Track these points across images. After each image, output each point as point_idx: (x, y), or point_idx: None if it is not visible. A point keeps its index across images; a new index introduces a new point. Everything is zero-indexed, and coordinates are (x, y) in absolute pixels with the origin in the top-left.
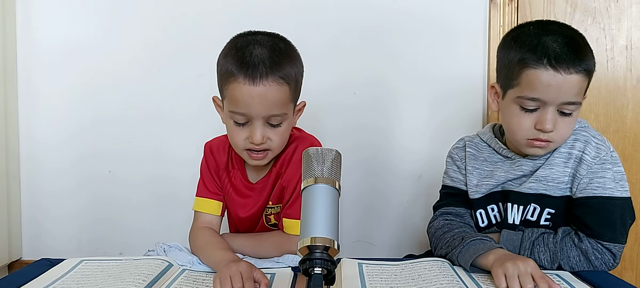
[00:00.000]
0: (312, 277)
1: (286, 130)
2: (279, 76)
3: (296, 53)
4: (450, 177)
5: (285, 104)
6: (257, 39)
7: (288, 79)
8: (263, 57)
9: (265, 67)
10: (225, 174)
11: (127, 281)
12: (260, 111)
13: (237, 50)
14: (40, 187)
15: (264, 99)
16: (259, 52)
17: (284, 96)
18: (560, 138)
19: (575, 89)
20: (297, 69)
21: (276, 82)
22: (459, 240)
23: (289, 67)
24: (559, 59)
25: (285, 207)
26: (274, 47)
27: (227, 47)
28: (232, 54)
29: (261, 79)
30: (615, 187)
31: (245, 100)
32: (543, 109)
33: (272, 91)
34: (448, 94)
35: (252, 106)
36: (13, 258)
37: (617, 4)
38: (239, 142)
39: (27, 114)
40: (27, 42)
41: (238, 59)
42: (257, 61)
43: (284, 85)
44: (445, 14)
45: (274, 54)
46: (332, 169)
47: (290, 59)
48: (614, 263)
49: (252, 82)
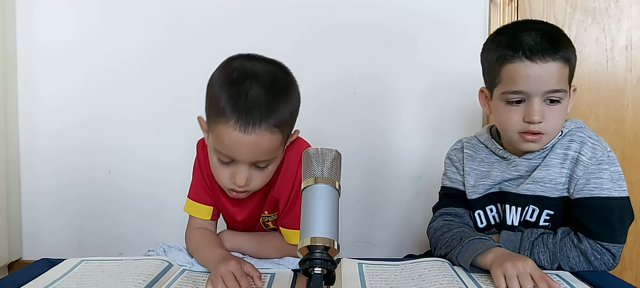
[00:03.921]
0: (312, 277)
1: (272, 171)
2: (274, 123)
3: (294, 87)
4: (449, 178)
5: (276, 149)
6: (255, 72)
7: (282, 125)
8: (259, 100)
9: (260, 114)
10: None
11: (127, 281)
12: (247, 158)
13: (232, 84)
14: (40, 187)
15: (254, 148)
16: (255, 92)
17: (276, 144)
18: (552, 128)
19: (556, 77)
20: (293, 107)
21: (269, 131)
22: (458, 240)
23: (285, 110)
24: (533, 50)
25: (281, 216)
26: (272, 86)
27: (222, 73)
28: (226, 88)
29: (254, 128)
30: (612, 187)
31: (233, 146)
32: (528, 101)
33: (264, 140)
34: (448, 94)
35: (240, 152)
36: (13, 258)
37: (617, 4)
38: (222, 179)
39: (27, 113)
40: (27, 42)
41: (232, 97)
42: (252, 104)
43: (277, 133)
44: (445, 13)
45: (271, 94)
46: (332, 169)
47: (287, 98)
48: (613, 264)
49: (244, 130)
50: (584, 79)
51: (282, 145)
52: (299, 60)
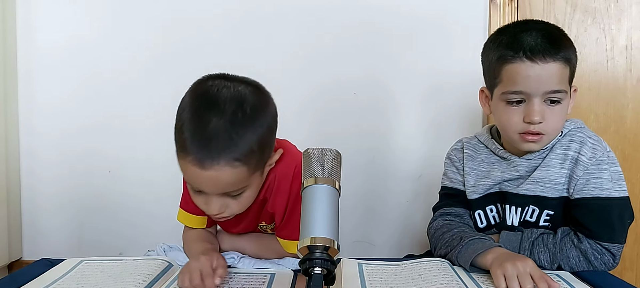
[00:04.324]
0: (312, 277)
1: (250, 196)
2: (235, 157)
3: (264, 110)
4: (449, 178)
5: (244, 180)
6: (218, 100)
7: (246, 157)
8: (218, 134)
9: (217, 149)
10: None
11: (127, 281)
12: (212, 191)
13: (193, 115)
14: (40, 187)
15: (216, 183)
16: (215, 124)
17: (242, 176)
18: (552, 129)
19: (556, 78)
20: (261, 134)
21: (230, 166)
22: (458, 240)
23: (250, 140)
24: (534, 50)
25: (278, 228)
26: (235, 115)
27: (187, 100)
28: (187, 119)
29: (212, 163)
30: (612, 187)
31: (195, 180)
32: (529, 101)
33: (224, 175)
34: (448, 94)
35: (203, 187)
36: (13, 258)
37: (617, 4)
38: (199, 206)
39: (27, 113)
40: (27, 42)
41: (190, 130)
42: (210, 138)
43: (240, 166)
44: (445, 14)
45: (232, 126)
46: (332, 169)
47: (253, 127)
48: (613, 264)
49: (201, 166)
50: (584, 79)
51: (252, 174)
52: (299, 62)
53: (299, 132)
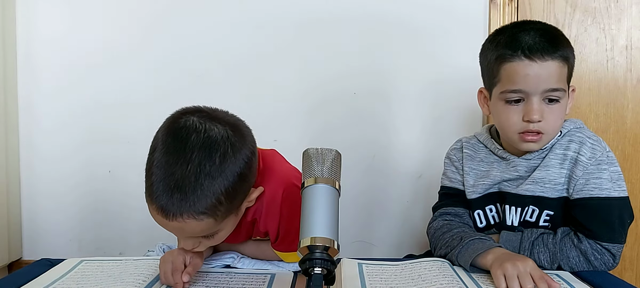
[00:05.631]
0: (312, 277)
1: (225, 233)
2: (199, 211)
3: (235, 159)
4: (448, 178)
5: (211, 228)
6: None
7: (211, 211)
8: (182, 185)
9: (180, 203)
10: None
11: (127, 281)
12: (180, 236)
13: (162, 158)
14: (40, 187)
15: (181, 231)
16: (180, 175)
17: (208, 226)
18: (551, 128)
19: (555, 76)
20: (231, 182)
21: (193, 218)
22: (458, 240)
23: (216, 191)
24: (532, 49)
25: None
26: (202, 165)
27: (160, 140)
28: (156, 163)
29: (175, 216)
30: (612, 187)
31: (162, 225)
32: (527, 100)
33: (189, 226)
34: (448, 94)
35: (171, 231)
36: (13, 258)
37: (617, 4)
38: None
39: (27, 113)
40: (27, 42)
41: (158, 176)
42: (174, 190)
43: (205, 218)
44: (445, 14)
45: (197, 179)
46: (332, 169)
47: (222, 178)
48: (613, 264)
49: (165, 216)
50: (584, 79)
51: (222, 221)
52: (299, 61)
53: (298, 132)
